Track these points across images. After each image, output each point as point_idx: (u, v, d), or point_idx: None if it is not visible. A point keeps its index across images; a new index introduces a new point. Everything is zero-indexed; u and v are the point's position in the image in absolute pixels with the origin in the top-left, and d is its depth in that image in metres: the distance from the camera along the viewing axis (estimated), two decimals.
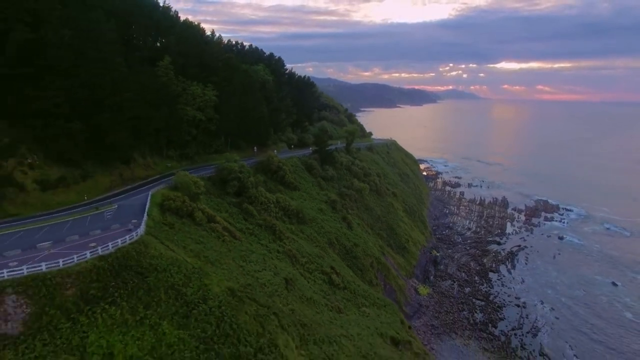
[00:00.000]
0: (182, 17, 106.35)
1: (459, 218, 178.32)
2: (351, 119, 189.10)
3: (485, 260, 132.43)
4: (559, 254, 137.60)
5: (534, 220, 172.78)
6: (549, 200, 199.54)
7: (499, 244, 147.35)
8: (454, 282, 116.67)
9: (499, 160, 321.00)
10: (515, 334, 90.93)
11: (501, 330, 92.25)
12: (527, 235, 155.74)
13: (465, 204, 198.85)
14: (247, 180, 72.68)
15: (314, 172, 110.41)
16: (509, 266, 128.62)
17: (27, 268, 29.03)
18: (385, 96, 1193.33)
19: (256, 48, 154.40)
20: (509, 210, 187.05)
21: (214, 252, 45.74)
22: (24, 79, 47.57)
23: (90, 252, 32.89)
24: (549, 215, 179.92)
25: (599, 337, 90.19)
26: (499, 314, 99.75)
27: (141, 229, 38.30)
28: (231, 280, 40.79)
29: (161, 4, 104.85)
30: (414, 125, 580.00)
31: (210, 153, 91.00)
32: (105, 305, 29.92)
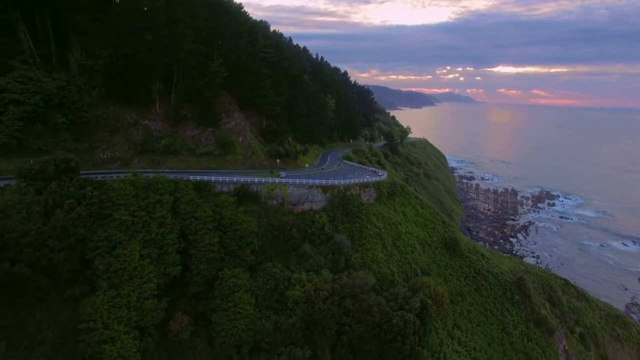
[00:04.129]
0: None
1: (479, 202, 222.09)
2: (394, 120, 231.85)
3: (505, 230, 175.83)
4: (561, 227, 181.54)
5: (540, 205, 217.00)
6: (551, 191, 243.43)
7: (513, 220, 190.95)
8: (485, 242, 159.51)
9: (504, 158, 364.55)
10: None
11: None
12: (535, 215, 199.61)
13: (482, 192, 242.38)
14: (371, 158, 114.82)
15: (389, 159, 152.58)
16: (524, 234, 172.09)
17: (370, 178, 71.24)
18: (386, 99, 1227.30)
19: (326, 62, 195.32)
20: (518, 198, 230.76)
21: None
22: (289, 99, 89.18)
23: (379, 177, 75.03)
24: (551, 202, 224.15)
25: (589, 273, 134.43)
26: None
27: (385, 173, 79.51)
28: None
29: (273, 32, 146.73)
30: (418, 127, 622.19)
31: (330, 142, 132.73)
32: (394, 197, 71.96)
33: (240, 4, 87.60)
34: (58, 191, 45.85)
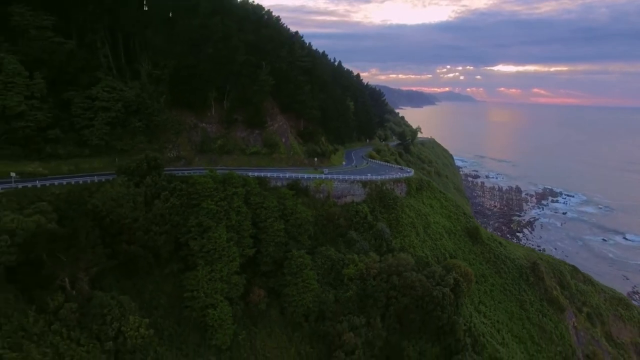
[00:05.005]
0: None
1: (486, 199, 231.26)
2: (403, 120, 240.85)
3: (512, 226, 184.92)
4: (565, 223, 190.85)
5: (544, 202, 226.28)
6: (554, 189, 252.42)
7: (519, 216, 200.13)
8: None
9: (507, 157, 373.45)
10: None
11: None
12: (540, 212, 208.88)
13: (487, 190, 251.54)
14: (390, 157, 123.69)
15: (403, 157, 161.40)
16: (530, 229, 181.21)
17: (401, 175, 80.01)
18: (387, 98, 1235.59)
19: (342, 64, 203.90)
20: (523, 195, 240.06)
21: None
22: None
23: (408, 174, 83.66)
24: (554, 199, 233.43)
25: (592, 265, 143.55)
26: None
27: (412, 170, 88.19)
28: None
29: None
30: (421, 126, 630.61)
31: (350, 142, 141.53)
32: (421, 191, 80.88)
33: (278, 16, 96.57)
34: (152, 184, 54.54)
